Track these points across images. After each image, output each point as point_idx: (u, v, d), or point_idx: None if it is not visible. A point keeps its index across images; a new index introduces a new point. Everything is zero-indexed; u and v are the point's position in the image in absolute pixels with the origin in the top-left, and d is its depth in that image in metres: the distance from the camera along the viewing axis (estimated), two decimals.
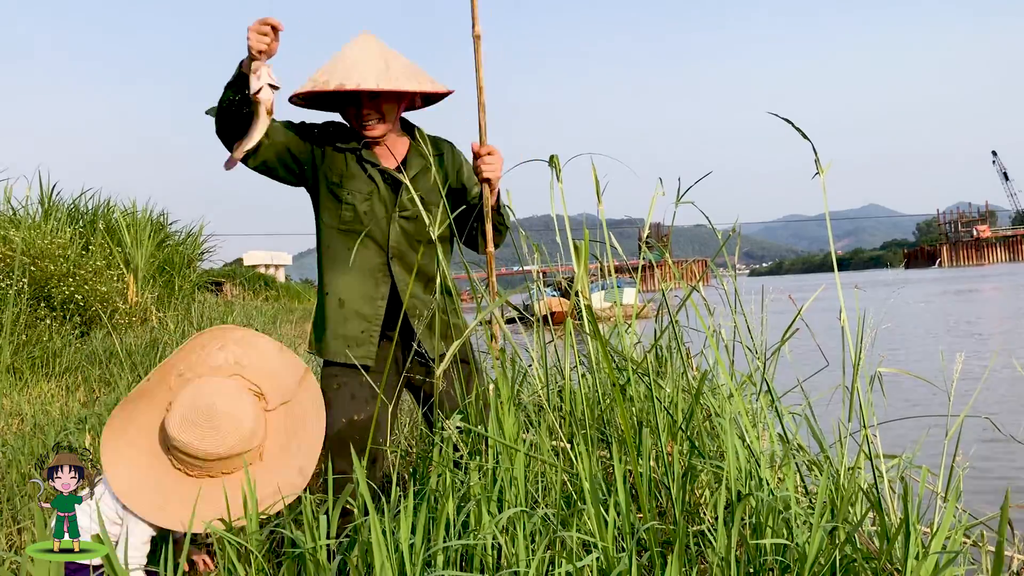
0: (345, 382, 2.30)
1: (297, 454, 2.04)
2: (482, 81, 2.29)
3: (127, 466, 1.95)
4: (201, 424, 1.92)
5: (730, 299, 2.13)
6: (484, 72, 2.30)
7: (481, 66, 2.30)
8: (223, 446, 1.93)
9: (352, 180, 2.30)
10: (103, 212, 11.36)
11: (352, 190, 2.30)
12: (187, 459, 1.95)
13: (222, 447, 1.93)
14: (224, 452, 1.94)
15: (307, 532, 1.67)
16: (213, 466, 1.95)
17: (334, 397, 2.29)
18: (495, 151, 2.27)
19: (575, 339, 2.04)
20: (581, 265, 2.06)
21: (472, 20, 2.28)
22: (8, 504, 2.73)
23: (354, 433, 2.25)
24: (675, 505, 1.65)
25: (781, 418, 2.03)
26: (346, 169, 2.31)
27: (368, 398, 2.29)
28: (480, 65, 2.29)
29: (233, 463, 1.97)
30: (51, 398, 5.03)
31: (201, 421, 1.92)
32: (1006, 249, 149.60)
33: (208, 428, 1.92)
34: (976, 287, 36.39)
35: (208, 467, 1.95)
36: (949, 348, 11.35)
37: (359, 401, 2.30)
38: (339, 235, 2.32)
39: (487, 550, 1.62)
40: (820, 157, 1.82)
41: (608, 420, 2.07)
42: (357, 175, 2.31)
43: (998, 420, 2.04)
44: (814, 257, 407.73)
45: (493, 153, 2.26)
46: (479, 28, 2.29)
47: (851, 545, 1.54)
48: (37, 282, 7.45)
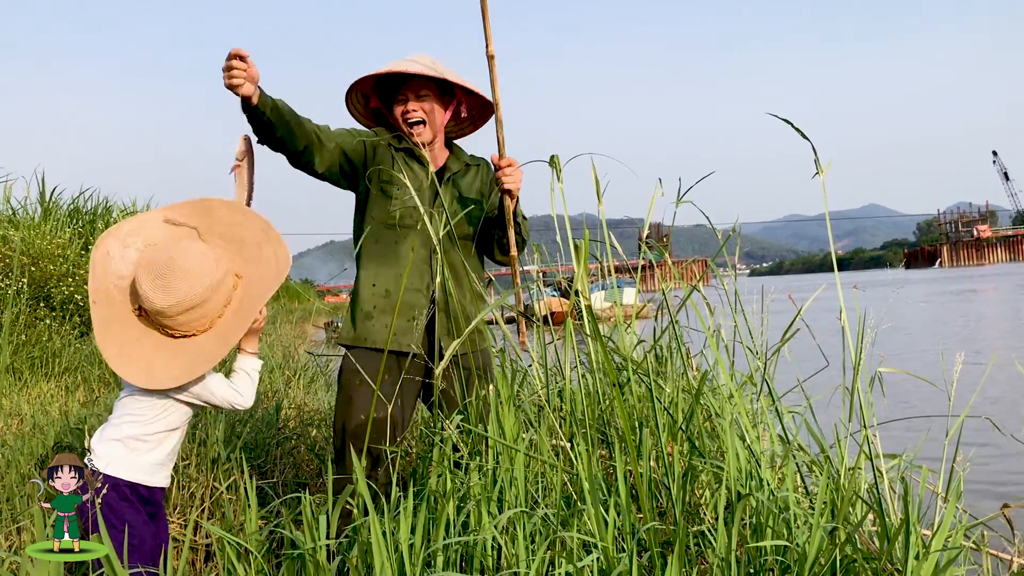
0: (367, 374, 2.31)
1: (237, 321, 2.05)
2: (499, 98, 2.36)
3: (119, 348, 1.98)
4: (163, 275, 1.93)
5: (730, 299, 2.13)
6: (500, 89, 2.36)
7: (497, 84, 2.36)
8: (179, 294, 1.93)
9: (399, 176, 2.40)
10: (102, 212, 11.36)
11: (402, 186, 2.39)
12: (159, 317, 1.96)
13: (179, 295, 1.93)
14: (182, 299, 1.93)
15: (307, 532, 1.67)
16: (181, 320, 1.96)
17: (354, 394, 2.35)
18: (515, 163, 2.35)
19: (575, 339, 2.03)
20: (581, 265, 2.06)
21: (486, 40, 2.33)
22: (8, 504, 2.73)
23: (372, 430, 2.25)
24: (675, 505, 1.65)
25: (781, 418, 2.03)
26: (395, 168, 2.42)
27: (388, 394, 2.32)
28: (496, 83, 2.36)
29: (204, 315, 1.97)
30: (51, 398, 5.03)
31: (163, 272, 1.94)
32: (1006, 249, 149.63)
33: (167, 278, 1.93)
34: (976, 287, 36.39)
35: (177, 321, 1.96)
36: (949, 348, 11.35)
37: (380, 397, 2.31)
38: (387, 230, 2.41)
39: (487, 550, 1.62)
40: (821, 157, 1.82)
41: (608, 420, 2.07)
42: (405, 174, 2.40)
43: (998, 420, 2.04)
44: (814, 257, 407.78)
45: (513, 165, 2.34)
46: (493, 48, 2.34)
47: (851, 545, 1.54)
48: (37, 282, 7.46)
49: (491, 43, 2.34)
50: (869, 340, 1.88)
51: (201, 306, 1.96)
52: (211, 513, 2.83)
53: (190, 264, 1.96)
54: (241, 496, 2.16)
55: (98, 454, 1.94)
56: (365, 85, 2.51)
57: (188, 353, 1.98)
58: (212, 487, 2.86)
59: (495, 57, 2.35)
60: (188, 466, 2.91)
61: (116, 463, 1.95)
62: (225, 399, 2.05)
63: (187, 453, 2.97)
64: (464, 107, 2.56)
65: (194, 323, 1.97)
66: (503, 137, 2.36)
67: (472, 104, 2.59)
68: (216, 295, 1.98)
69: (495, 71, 2.35)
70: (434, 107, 2.45)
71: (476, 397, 2.02)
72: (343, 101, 2.56)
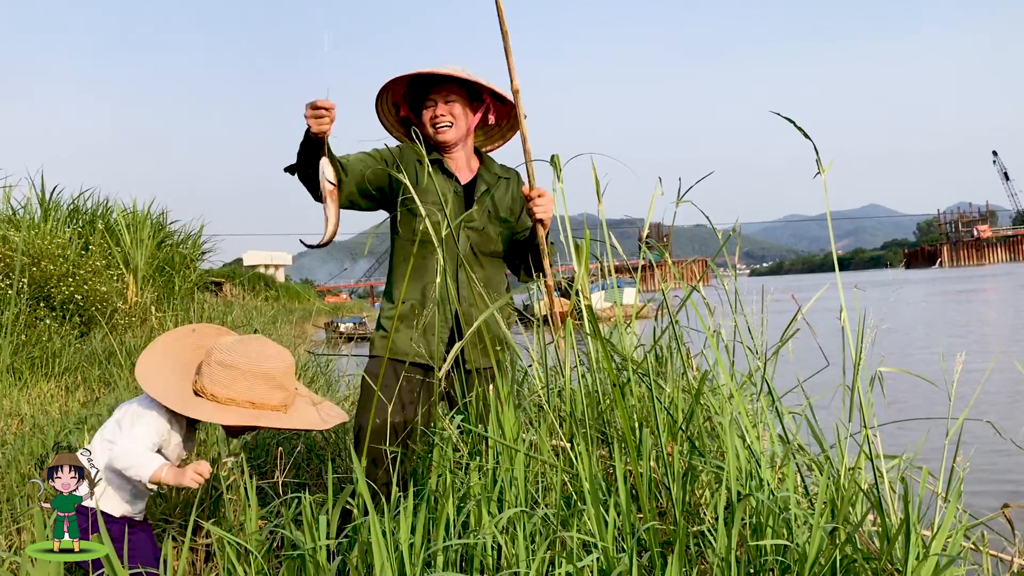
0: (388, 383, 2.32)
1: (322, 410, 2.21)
2: (526, 132, 2.36)
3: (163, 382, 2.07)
4: (253, 341, 2.10)
5: (731, 299, 2.13)
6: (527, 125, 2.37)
7: (523, 118, 2.37)
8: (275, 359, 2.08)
9: (425, 193, 2.40)
10: (102, 212, 11.35)
11: (426, 202, 2.37)
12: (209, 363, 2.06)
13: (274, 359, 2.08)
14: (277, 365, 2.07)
15: (307, 532, 1.67)
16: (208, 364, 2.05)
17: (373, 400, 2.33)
18: (545, 193, 2.35)
19: (575, 339, 2.03)
20: (581, 265, 2.06)
21: (510, 76, 2.34)
22: (8, 504, 2.73)
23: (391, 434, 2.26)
24: (675, 505, 1.65)
25: (781, 418, 2.03)
26: (420, 183, 2.42)
27: (410, 401, 2.34)
28: (522, 117, 2.37)
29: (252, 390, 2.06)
30: (51, 398, 5.03)
31: (253, 340, 2.11)
32: (1006, 249, 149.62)
33: (259, 343, 2.11)
34: (977, 287, 36.37)
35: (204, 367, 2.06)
36: (949, 349, 11.35)
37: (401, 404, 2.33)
38: (415, 246, 2.40)
39: (487, 550, 1.62)
40: (822, 156, 1.82)
41: (608, 420, 2.07)
42: (430, 188, 2.40)
43: (997, 421, 2.04)
44: (815, 257, 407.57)
45: (543, 196, 2.34)
46: (517, 83, 2.35)
47: (851, 545, 1.54)
48: (37, 282, 7.45)
49: (515, 78, 2.34)
50: (869, 340, 1.88)
51: (274, 380, 2.08)
52: (211, 513, 2.83)
53: (277, 347, 2.15)
54: (241, 496, 2.15)
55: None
56: (396, 94, 2.51)
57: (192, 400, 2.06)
58: (212, 487, 2.86)
59: (520, 92, 2.36)
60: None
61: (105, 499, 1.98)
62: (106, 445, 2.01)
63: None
64: (492, 114, 2.56)
65: (218, 388, 2.04)
66: (532, 169, 2.36)
67: (500, 113, 2.58)
68: (259, 384, 2.06)
69: (520, 104, 2.36)
70: (463, 111, 2.46)
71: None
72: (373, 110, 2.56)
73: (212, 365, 2.05)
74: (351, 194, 2.40)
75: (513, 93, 2.37)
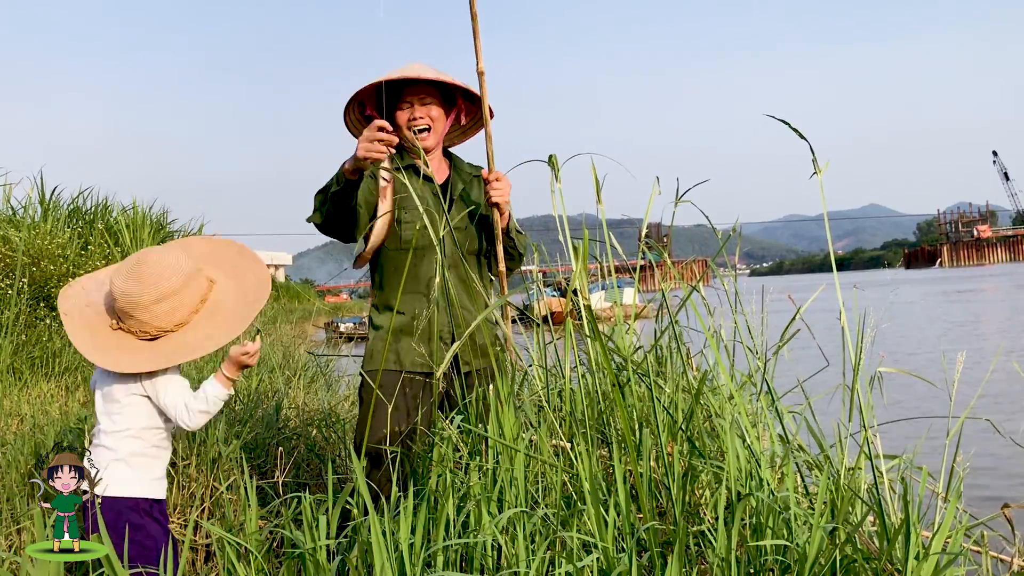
0: (388, 392, 2.31)
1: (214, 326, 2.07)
2: (487, 113, 2.40)
3: (92, 341, 2.02)
4: (133, 268, 1.98)
5: (730, 299, 2.13)
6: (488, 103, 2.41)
7: (486, 98, 2.40)
8: (150, 279, 1.96)
9: (406, 199, 2.40)
10: (102, 212, 11.35)
11: (407, 208, 2.39)
12: (135, 311, 1.97)
13: (150, 280, 1.96)
14: (154, 285, 1.95)
15: (307, 532, 1.67)
16: (156, 311, 1.97)
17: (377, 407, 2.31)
18: (503, 177, 2.36)
19: (575, 339, 2.03)
20: (580, 265, 2.06)
21: (476, 57, 2.37)
22: (8, 504, 2.73)
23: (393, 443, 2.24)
24: (675, 505, 1.65)
25: (781, 418, 2.03)
26: (400, 190, 2.42)
27: (410, 409, 2.32)
28: (485, 97, 2.40)
29: (177, 307, 1.99)
30: (51, 398, 5.03)
31: (133, 266, 1.99)
32: (1007, 249, 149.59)
33: (137, 269, 1.98)
34: (977, 287, 36.38)
35: (152, 313, 1.97)
36: (949, 349, 11.35)
37: (401, 413, 2.31)
38: (399, 254, 2.40)
39: (487, 550, 1.62)
40: (820, 156, 1.82)
41: (608, 420, 2.07)
42: (409, 195, 2.39)
43: (997, 420, 2.04)
44: (815, 257, 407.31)
45: (501, 179, 2.36)
46: (483, 64, 2.38)
47: (851, 545, 1.54)
48: (37, 282, 7.45)
49: (481, 60, 2.38)
50: (869, 340, 1.88)
51: (173, 296, 1.97)
52: (211, 513, 2.83)
53: (158, 256, 2.00)
54: (241, 496, 2.15)
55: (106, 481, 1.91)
56: (364, 96, 2.48)
57: (158, 348, 2.00)
58: (212, 487, 2.86)
59: (484, 73, 2.39)
60: (188, 466, 2.91)
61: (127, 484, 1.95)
62: (173, 404, 2.00)
63: (187, 453, 2.97)
64: (464, 114, 2.56)
65: (167, 316, 1.98)
66: (492, 151, 2.39)
67: (470, 112, 2.58)
68: (188, 288, 2.00)
69: (485, 86, 2.39)
70: (440, 113, 2.45)
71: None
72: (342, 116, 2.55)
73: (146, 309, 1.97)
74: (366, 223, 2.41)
75: (478, 75, 2.38)
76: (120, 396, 1.99)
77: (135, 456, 1.98)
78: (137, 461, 1.98)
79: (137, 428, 1.99)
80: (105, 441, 1.98)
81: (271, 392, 4.90)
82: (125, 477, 1.95)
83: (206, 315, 2.04)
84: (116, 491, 1.91)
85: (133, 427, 1.99)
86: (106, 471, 1.91)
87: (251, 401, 4.09)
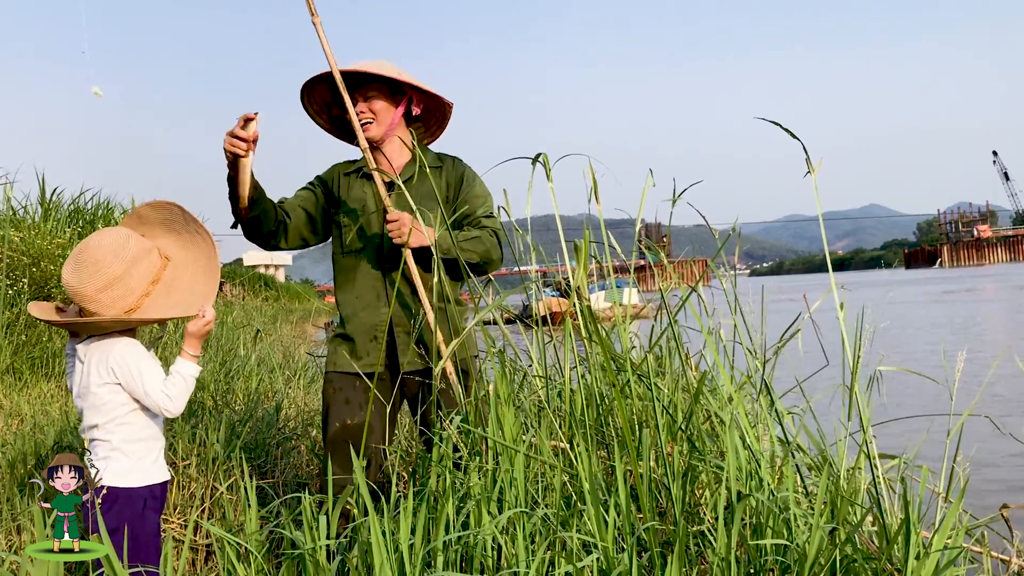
0: (341, 387, 2.41)
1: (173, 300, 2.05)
2: (334, 63, 2.32)
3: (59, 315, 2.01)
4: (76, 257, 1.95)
5: (730, 299, 2.14)
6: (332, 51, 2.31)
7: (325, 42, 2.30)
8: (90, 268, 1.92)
9: (347, 202, 2.47)
10: (103, 212, 11.35)
11: (347, 211, 2.46)
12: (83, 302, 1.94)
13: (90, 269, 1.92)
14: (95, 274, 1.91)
15: (306, 533, 1.67)
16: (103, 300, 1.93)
17: (331, 402, 2.41)
18: (398, 216, 2.28)
19: (574, 339, 2.03)
20: (580, 265, 2.06)
21: (309, 8, 2.30)
22: (8, 504, 2.73)
23: (348, 436, 2.31)
24: (675, 505, 1.65)
25: (780, 419, 2.03)
26: (341, 193, 2.49)
27: (363, 403, 2.37)
28: (324, 40, 2.30)
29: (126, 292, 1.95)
30: (51, 398, 5.03)
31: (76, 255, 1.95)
32: (1007, 249, 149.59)
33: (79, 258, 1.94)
34: (977, 287, 36.38)
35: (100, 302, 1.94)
36: (949, 348, 11.35)
37: (354, 406, 2.38)
38: (344, 258, 2.48)
39: (487, 550, 1.62)
40: (819, 156, 1.82)
41: (608, 420, 2.07)
42: (349, 197, 2.47)
43: (997, 419, 2.04)
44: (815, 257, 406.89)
45: (397, 220, 2.28)
46: (318, 17, 2.31)
47: (851, 545, 1.54)
48: (37, 282, 7.45)
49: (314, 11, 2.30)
50: (868, 339, 1.88)
51: (117, 283, 1.93)
52: (211, 513, 2.83)
53: (100, 241, 1.96)
54: (241, 496, 2.16)
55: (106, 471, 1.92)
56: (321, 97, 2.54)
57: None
58: (212, 487, 2.86)
59: (322, 22, 2.30)
60: (188, 466, 2.91)
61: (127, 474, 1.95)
62: (156, 404, 1.98)
63: (187, 453, 2.97)
64: (416, 106, 2.53)
65: (114, 304, 1.95)
66: (359, 128, 2.34)
67: (430, 105, 2.57)
68: (134, 269, 1.96)
69: (323, 35, 2.30)
70: (385, 106, 2.45)
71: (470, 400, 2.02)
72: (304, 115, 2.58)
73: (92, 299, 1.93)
74: (299, 233, 2.47)
75: (314, 25, 2.32)
76: (96, 388, 1.98)
77: (129, 442, 1.97)
78: (132, 447, 1.97)
79: (123, 413, 1.99)
80: (98, 434, 1.98)
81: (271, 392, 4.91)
82: (124, 467, 1.95)
83: (161, 295, 2.01)
84: (117, 482, 1.91)
85: (119, 413, 1.98)
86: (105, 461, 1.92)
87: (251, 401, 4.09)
